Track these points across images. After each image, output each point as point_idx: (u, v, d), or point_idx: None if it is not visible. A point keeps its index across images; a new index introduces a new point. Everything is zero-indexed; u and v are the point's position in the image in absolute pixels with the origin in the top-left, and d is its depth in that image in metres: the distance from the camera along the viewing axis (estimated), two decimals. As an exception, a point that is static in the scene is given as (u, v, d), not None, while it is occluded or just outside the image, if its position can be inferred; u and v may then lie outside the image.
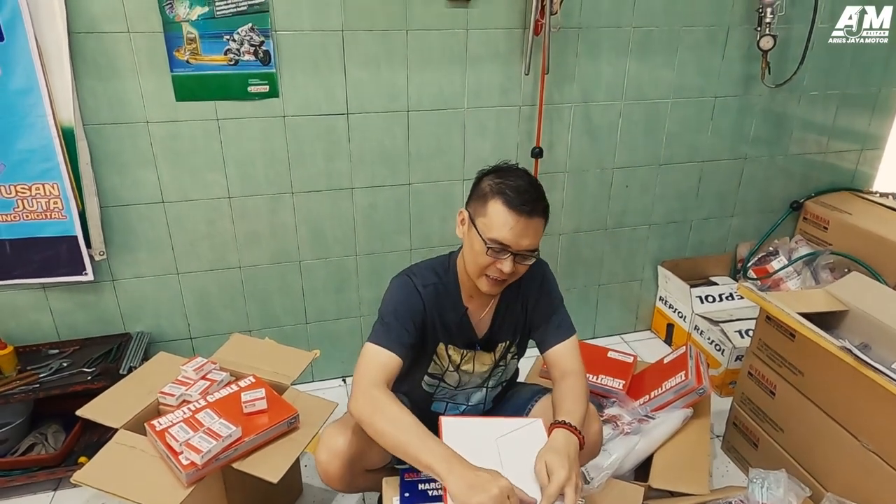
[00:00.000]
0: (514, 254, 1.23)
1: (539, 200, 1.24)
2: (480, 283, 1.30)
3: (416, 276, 1.36)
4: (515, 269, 1.25)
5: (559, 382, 1.35)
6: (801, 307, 1.62)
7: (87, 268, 1.89)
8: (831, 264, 2.35)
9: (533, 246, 1.25)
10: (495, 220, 1.22)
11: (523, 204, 1.21)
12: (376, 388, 1.19)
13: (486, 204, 1.24)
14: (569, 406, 1.26)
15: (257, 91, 1.85)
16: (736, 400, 1.90)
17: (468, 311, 1.40)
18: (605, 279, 2.53)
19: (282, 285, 2.14)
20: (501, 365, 1.49)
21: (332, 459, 1.27)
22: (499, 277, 1.27)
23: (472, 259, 1.28)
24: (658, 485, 1.58)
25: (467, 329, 1.41)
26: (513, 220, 1.21)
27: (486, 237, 1.23)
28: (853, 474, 1.48)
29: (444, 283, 1.37)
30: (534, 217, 1.23)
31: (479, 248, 1.24)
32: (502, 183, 1.24)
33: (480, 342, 1.44)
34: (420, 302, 1.33)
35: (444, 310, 1.37)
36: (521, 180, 1.25)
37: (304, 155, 1.97)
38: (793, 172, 2.56)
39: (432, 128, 2.05)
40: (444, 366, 1.44)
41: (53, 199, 1.80)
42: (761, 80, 2.26)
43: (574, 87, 2.12)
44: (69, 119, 1.72)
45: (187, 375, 1.63)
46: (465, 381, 1.48)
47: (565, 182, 2.27)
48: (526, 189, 1.23)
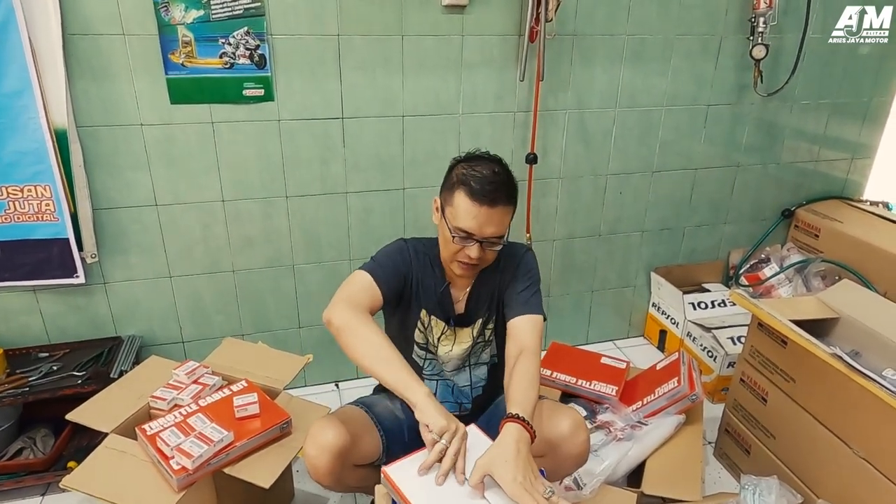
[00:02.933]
0: (479, 241, 1.29)
1: (501, 190, 1.28)
2: (454, 267, 1.37)
3: (409, 241, 1.46)
4: (484, 255, 1.32)
5: (512, 362, 1.32)
6: (793, 314, 1.63)
7: (79, 270, 1.88)
8: (822, 272, 2.37)
9: (498, 233, 1.30)
10: (459, 210, 1.28)
11: (485, 195, 1.26)
12: (355, 305, 1.27)
13: (453, 193, 1.30)
14: (519, 395, 1.23)
15: (252, 95, 1.85)
16: (728, 406, 1.90)
17: (450, 286, 1.46)
18: (599, 285, 2.53)
19: (275, 289, 2.13)
20: (480, 341, 1.51)
21: (320, 454, 1.26)
22: (469, 262, 1.33)
23: (444, 245, 1.37)
24: (651, 491, 1.58)
25: (447, 303, 1.47)
26: (475, 209, 1.26)
27: (451, 226, 1.30)
28: (844, 481, 1.49)
29: (431, 257, 1.45)
30: (496, 206, 1.27)
31: (448, 235, 1.32)
32: (467, 173, 1.29)
33: (456, 318, 1.47)
34: (409, 261, 1.41)
35: (430, 278, 1.44)
36: (486, 170, 1.29)
37: (299, 159, 1.97)
38: (785, 180, 2.58)
39: (427, 133, 2.05)
40: (426, 335, 1.48)
41: (45, 202, 1.78)
42: (754, 88, 2.28)
43: (568, 93, 2.14)
44: (62, 121, 1.71)
45: (179, 379, 1.62)
46: (445, 358, 1.50)
47: (559, 188, 2.28)
48: (490, 179, 1.27)
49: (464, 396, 1.55)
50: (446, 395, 1.55)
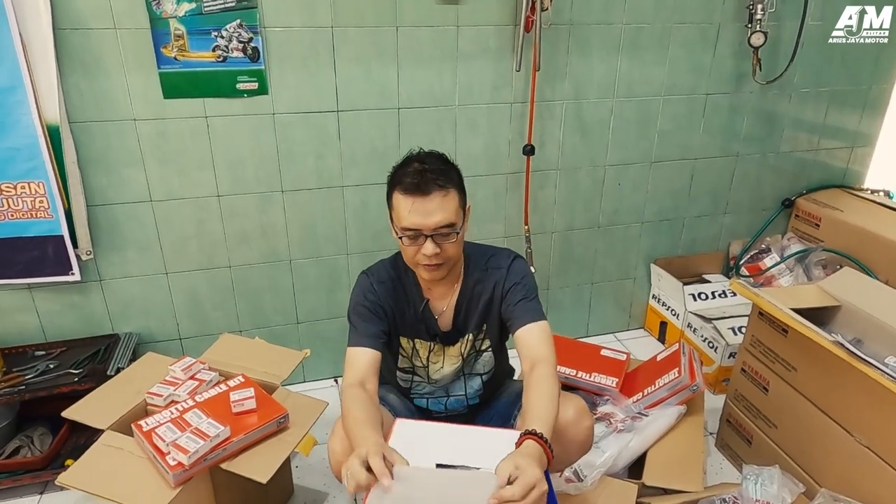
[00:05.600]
0: (429, 235, 1.25)
1: (429, 177, 1.22)
2: (420, 272, 1.33)
3: (372, 275, 1.41)
4: (441, 248, 1.26)
5: (529, 376, 1.26)
6: (794, 303, 1.62)
7: (74, 267, 1.86)
8: (823, 261, 2.35)
9: (444, 221, 1.24)
10: (399, 211, 1.26)
11: (415, 186, 1.22)
12: (350, 387, 1.26)
13: (391, 199, 1.29)
14: (539, 412, 1.15)
15: (246, 88, 1.83)
16: (729, 397, 1.89)
17: (429, 304, 1.42)
18: (598, 277, 2.52)
19: (272, 285, 2.12)
20: (472, 354, 1.48)
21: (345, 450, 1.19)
22: (429, 263, 1.28)
23: (404, 253, 1.33)
24: (652, 482, 1.57)
25: (430, 321, 1.43)
26: (409, 203, 1.23)
27: (398, 229, 1.28)
28: (847, 470, 1.48)
29: (402, 278, 1.42)
30: (430, 194, 1.22)
31: (400, 242, 1.29)
32: (397, 173, 1.28)
33: (442, 336, 1.44)
34: (375, 297, 1.38)
35: (402, 303, 1.41)
36: (413, 163, 1.26)
37: (295, 153, 1.95)
38: (784, 170, 2.56)
39: (423, 125, 2.04)
40: (411, 359, 1.46)
41: (39, 198, 1.77)
42: (752, 76, 2.26)
43: (565, 84, 2.12)
44: (55, 117, 1.69)
45: (175, 376, 1.61)
46: (436, 377, 1.48)
47: (557, 180, 2.26)
48: (417, 170, 1.23)
49: (459, 405, 1.54)
50: (438, 408, 1.54)
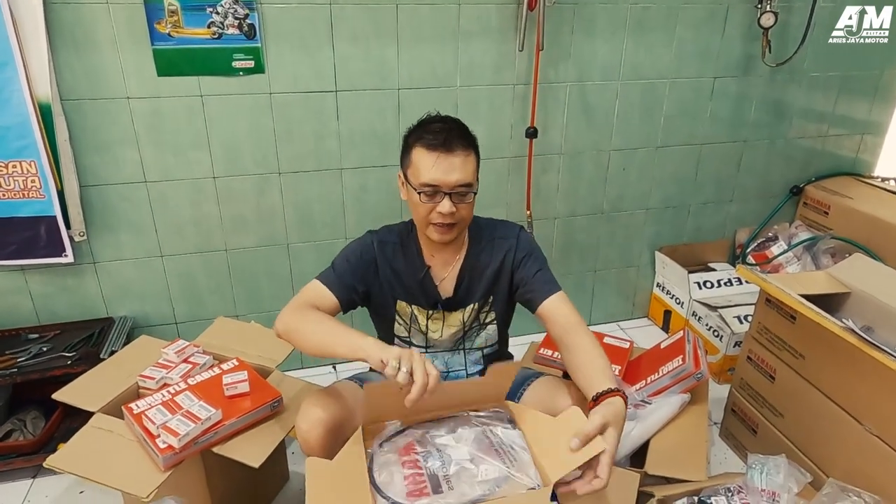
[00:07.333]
0: (447, 193, 1.25)
1: (454, 135, 1.25)
2: (430, 233, 1.32)
3: (376, 234, 1.42)
4: (456, 209, 1.27)
5: (565, 340, 1.27)
6: (803, 289, 1.57)
7: (67, 249, 1.83)
8: (832, 249, 2.30)
9: (464, 180, 1.26)
10: (420, 165, 1.26)
11: (441, 143, 1.24)
12: (303, 305, 1.27)
13: (410, 154, 1.29)
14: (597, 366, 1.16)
15: (242, 66, 1.79)
16: (734, 386, 1.85)
17: (431, 270, 1.41)
18: (601, 265, 2.47)
19: (269, 269, 2.08)
20: (475, 327, 1.46)
21: (312, 428, 1.22)
22: (443, 222, 1.28)
23: (415, 212, 1.32)
24: (654, 471, 1.53)
25: (430, 288, 1.41)
26: (433, 158, 1.24)
27: (416, 185, 1.27)
28: (856, 459, 1.44)
29: (405, 243, 1.41)
30: (455, 151, 1.24)
31: (416, 198, 1.28)
32: (418, 131, 1.29)
33: (444, 302, 1.42)
34: (372, 256, 1.38)
35: (402, 267, 1.40)
36: (437, 123, 1.29)
37: (292, 134, 1.91)
38: (793, 157, 2.51)
39: (424, 107, 1.93)
40: (408, 325, 1.44)
41: (31, 178, 1.74)
42: (762, 59, 2.20)
43: (569, 65, 2.07)
44: (45, 94, 1.66)
45: (168, 358, 1.57)
46: (434, 344, 1.46)
47: (560, 164, 2.22)
48: (441, 128, 1.26)
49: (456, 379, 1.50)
50: None
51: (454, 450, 1.07)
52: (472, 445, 1.08)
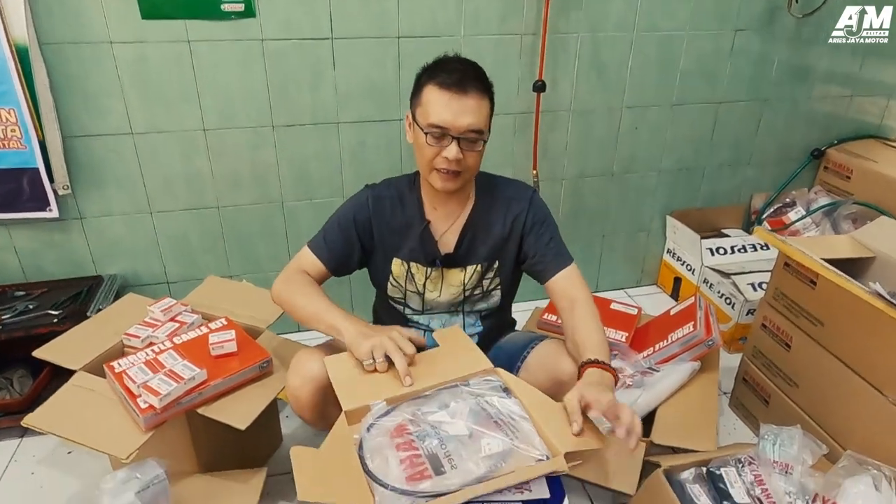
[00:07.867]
0: (456, 138, 1.18)
1: (470, 76, 1.18)
2: (433, 180, 1.25)
3: (372, 190, 1.36)
4: (463, 156, 1.20)
5: (569, 314, 1.27)
6: (824, 253, 1.48)
7: (52, 203, 1.76)
8: (854, 215, 2.19)
9: (475, 126, 1.18)
10: (431, 105, 1.18)
11: (455, 82, 1.16)
12: (296, 273, 1.30)
13: (422, 93, 1.21)
14: (590, 342, 1.18)
15: (232, 10, 1.68)
16: (747, 354, 1.77)
17: (430, 225, 1.34)
18: (610, 229, 2.38)
19: (263, 228, 2.00)
20: (478, 292, 1.39)
21: (303, 384, 1.20)
22: (448, 168, 1.21)
23: (420, 155, 1.25)
24: (661, 440, 1.46)
25: (429, 243, 1.34)
26: (446, 98, 1.16)
27: (424, 125, 1.20)
28: (875, 430, 1.36)
29: (404, 197, 1.35)
30: (469, 93, 1.17)
31: (422, 139, 1.21)
32: (433, 69, 1.21)
33: (443, 259, 1.35)
34: (366, 216, 1.33)
35: (399, 220, 1.34)
36: (453, 63, 1.21)
37: (286, 84, 1.81)
38: (815, 119, 2.38)
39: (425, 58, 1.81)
40: (404, 284, 1.37)
41: (11, 127, 1.65)
42: (787, 9, 2.06)
43: (581, 14, 1.94)
44: (22, 35, 1.56)
45: (155, 317, 1.51)
46: (432, 307, 1.40)
47: (569, 122, 2.10)
48: (457, 68, 1.18)
49: None
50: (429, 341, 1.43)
51: (450, 426, 0.99)
52: (468, 419, 1.01)
